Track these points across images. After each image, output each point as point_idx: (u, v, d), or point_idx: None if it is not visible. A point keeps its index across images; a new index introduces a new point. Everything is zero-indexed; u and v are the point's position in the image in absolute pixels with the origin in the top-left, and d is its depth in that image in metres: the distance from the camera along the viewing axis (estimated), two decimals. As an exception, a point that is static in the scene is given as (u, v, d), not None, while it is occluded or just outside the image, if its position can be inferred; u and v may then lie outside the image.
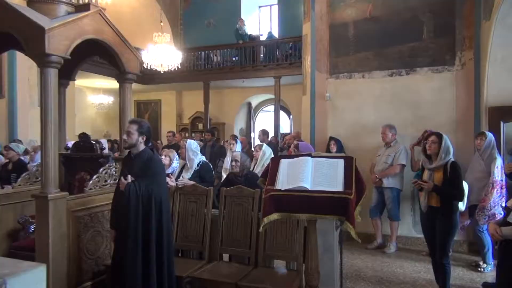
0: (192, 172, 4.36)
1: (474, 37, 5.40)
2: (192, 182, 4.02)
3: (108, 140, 10.09)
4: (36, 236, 3.19)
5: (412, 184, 3.84)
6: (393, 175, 5.37)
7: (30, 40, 3.03)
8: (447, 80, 5.58)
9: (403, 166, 5.38)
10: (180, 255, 3.83)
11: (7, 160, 5.80)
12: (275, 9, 14.10)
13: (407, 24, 5.74)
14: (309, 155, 2.75)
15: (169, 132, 9.22)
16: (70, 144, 4.79)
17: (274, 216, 2.55)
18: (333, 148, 5.80)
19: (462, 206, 4.17)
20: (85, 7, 3.39)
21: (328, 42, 6.22)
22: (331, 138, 5.97)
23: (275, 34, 13.14)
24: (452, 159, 3.66)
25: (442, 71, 5.62)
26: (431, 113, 5.60)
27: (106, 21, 3.51)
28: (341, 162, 2.62)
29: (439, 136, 3.68)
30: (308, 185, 2.50)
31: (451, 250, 4.31)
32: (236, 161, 4.14)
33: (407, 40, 5.76)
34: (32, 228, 3.79)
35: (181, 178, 4.23)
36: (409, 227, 5.65)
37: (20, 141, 6.97)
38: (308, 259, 2.67)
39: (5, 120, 8.11)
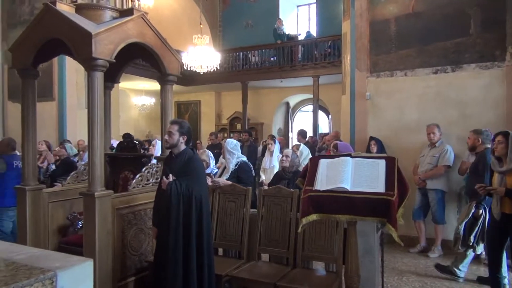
0: (229, 173, 4.35)
1: (527, 31, 5.10)
2: (228, 182, 4.05)
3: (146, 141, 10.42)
4: (84, 232, 3.33)
5: (478, 189, 3.55)
6: (437, 176, 5.16)
7: (78, 45, 3.17)
8: (496, 77, 5.29)
9: (448, 167, 5.16)
10: (219, 254, 3.88)
11: (56, 157, 6.16)
12: (313, 8, 13.97)
13: (452, 19, 5.50)
14: (349, 155, 2.70)
15: (211, 134, 9.46)
16: (114, 144, 4.97)
17: (313, 216, 2.52)
18: (374, 148, 5.67)
19: None
20: (129, 12, 3.50)
21: (368, 40, 6.08)
22: (371, 138, 5.83)
23: (314, 33, 13.02)
24: None
25: (491, 67, 5.33)
26: (479, 112, 5.34)
27: (148, 24, 3.61)
28: (382, 162, 2.55)
29: (506, 136, 3.36)
30: (348, 185, 2.46)
31: None
32: (286, 156, 4.23)
33: (452, 36, 5.52)
34: (80, 224, 3.96)
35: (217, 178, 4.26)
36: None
37: (69, 141, 7.35)
38: (348, 261, 2.62)
39: (56, 121, 8.57)
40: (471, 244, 4.02)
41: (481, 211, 3.99)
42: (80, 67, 5.33)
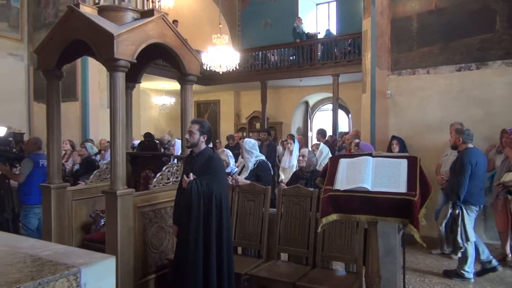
0: (248, 172, 4.36)
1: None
2: (247, 181, 4.05)
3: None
4: (106, 229, 3.38)
5: (497, 187, 3.46)
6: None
7: (101, 46, 3.23)
8: (523, 74, 5.14)
9: (472, 166, 5.02)
10: (238, 252, 3.89)
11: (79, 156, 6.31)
12: (333, 6, 13.85)
13: (477, 15, 5.36)
14: (370, 154, 2.67)
15: (228, 139, 9.56)
16: (136, 143, 5.05)
17: (333, 216, 2.50)
18: (396, 148, 5.56)
19: None
20: (150, 13, 3.55)
21: (389, 38, 5.99)
22: (393, 138, 5.72)
23: (333, 31, 12.89)
24: None
25: (518, 64, 5.17)
26: (505, 110, 5.18)
27: (168, 25, 3.65)
28: (404, 162, 2.50)
29: None
30: (368, 185, 2.43)
31: None
32: (303, 156, 4.20)
33: (477, 32, 5.38)
34: (102, 222, 4.04)
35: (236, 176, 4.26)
36: (479, 232, 5.26)
37: (91, 141, 7.51)
38: (369, 262, 2.59)
39: (79, 121, 8.76)
40: (461, 246, 4.08)
41: (457, 210, 4.08)
42: (102, 68, 5.43)
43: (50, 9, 9.35)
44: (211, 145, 3.31)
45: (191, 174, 3.07)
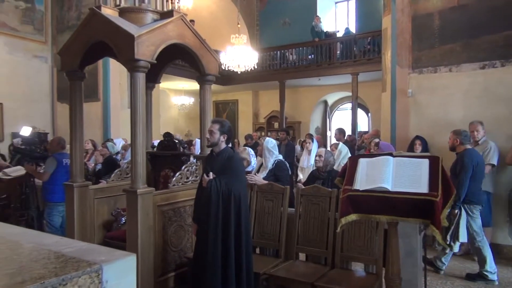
0: (267, 171, 4.36)
1: None
2: (264, 181, 4.04)
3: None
4: (127, 227, 3.45)
5: None
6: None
7: (122, 47, 3.28)
8: (551, 71, 4.97)
9: (493, 166, 4.89)
10: (256, 252, 3.89)
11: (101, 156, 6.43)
12: (352, 4, 13.69)
13: (501, 11, 5.21)
14: (390, 154, 2.63)
15: (246, 138, 9.58)
16: (155, 142, 5.11)
17: (352, 217, 2.48)
18: (418, 148, 5.41)
19: None
20: (169, 13, 3.59)
21: (410, 35, 5.88)
22: (417, 138, 5.56)
23: (352, 29, 12.75)
24: None
25: (545, 61, 5.01)
26: (531, 109, 5.03)
27: (187, 26, 3.68)
28: (425, 162, 2.45)
29: None
30: (389, 185, 2.39)
31: None
32: (320, 156, 4.17)
33: (501, 29, 5.22)
34: (123, 220, 4.11)
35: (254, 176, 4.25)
36: (504, 234, 5.13)
37: (112, 140, 7.64)
38: (389, 263, 2.55)
39: (101, 121, 8.93)
40: (448, 243, 4.12)
41: (456, 210, 4.12)
42: (123, 68, 5.51)
43: (73, 12, 9.56)
44: (230, 144, 3.32)
45: (210, 173, 3.10)
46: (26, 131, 7.63)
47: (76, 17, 9.35)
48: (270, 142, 4.45)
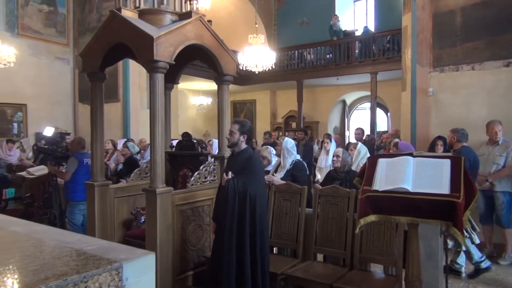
0: (285, 171, 4.33)
1: None
2: (282, 181, 4.03)
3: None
4: (146, 226, 3.49)
5: None
6: (509, 177, 4.77)
7: (141, 48, 3.33)
8: None
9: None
10: (274, 252, 3.88)
11: (122, 156, 6.54)
12: (371, 2, 13.51)
13: (526, 7, 5.07)
14: (410, 154, 2.58)
15: (264, 134, 9.53)
16: (174, 142, 5.16)
17: (371, 217, 2.44)
18: (440, 149, 5.22)
19: None
20: (187, 15, 3.61)
21: (431, 33, 5.77)
22: (439, 138, 5.36)
23: (371, 28, 12.59)
24: None
25: None
26: (558, 107, 4.87)
27: (205, 26, 3.70)
28: (447, 162, 2.40)
29: None
30: (409, 186, 2.35)
31: None
32: (337, 156, 4.14)
33: (526, 25, 5.08)
34: (142, 219, 4.16)
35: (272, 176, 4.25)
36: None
37: (132, 140, 7.76)
38: (409, 265, 2.50)
39: (121, 121, 9.08)
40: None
41: None
42: (142, 70, 5.58)
43: (94, 14, 9.75)
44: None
45: (229, 172, 3.12)
46: (49, 131, 7.82)
47: (97, 19, 9.53)
48: (290, 142, 4.45)
